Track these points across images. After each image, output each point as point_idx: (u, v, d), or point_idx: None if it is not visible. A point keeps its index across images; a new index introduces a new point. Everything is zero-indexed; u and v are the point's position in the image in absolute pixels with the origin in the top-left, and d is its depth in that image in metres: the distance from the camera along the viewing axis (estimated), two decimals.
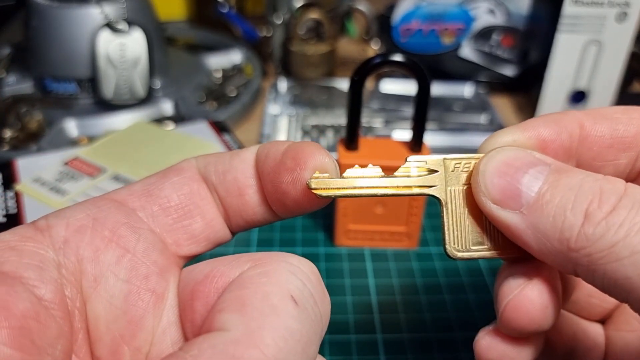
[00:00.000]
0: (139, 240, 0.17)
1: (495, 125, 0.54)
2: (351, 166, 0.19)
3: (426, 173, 0.19)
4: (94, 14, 0.51)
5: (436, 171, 0.19)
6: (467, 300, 0.36)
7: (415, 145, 0.36)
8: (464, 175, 0.19)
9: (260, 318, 0.13)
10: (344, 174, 0.18)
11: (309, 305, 0.15)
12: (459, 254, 0.19)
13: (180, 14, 0.77)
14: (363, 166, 0.19)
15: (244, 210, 0.18)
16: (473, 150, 0.20)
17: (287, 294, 0.14)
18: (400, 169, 0.19)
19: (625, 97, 0.57)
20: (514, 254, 0.19)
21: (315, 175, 0.17)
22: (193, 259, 0.18)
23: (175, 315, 0.17)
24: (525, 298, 0.18)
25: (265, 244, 0.40)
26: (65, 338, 0.15)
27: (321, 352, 0.32)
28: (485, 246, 0.19)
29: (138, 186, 0.18)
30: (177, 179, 0.18)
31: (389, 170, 0.19)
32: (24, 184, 0.39)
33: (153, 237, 0.17)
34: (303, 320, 0.14)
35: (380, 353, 0.32)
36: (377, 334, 0.33)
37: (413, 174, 0.19)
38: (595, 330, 0.24)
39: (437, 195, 0.19)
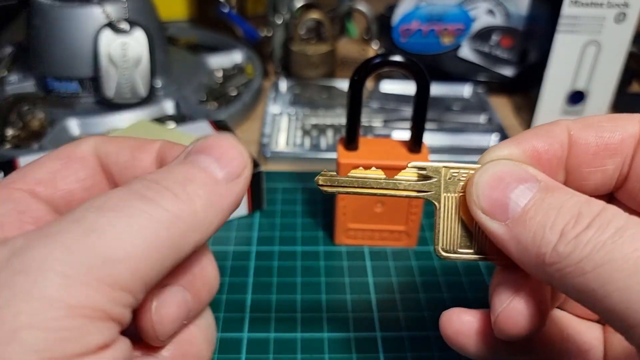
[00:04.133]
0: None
1: (494, 125, 0.54)
2: (351, 165, 0.19)
3: (425, 179, 0.20)
4: (96, 14, 0.51)
5: (434, 178, 0.20)
6: (466, 298, 0.36)
7: (415, 145, 0.36)
8: (460, 184, 0.20)
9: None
10: (349, 174, 0.19)
11: None
12: (446, 254, 0.21)
13: (182, 14, 0.77)
14: (367, 168, 0.20)
15: None
16: (472, 150, 0.20)
17: None
18: (401, 173, 0.20)
19: (623, 97, 0.57)
20: (499, 260, 0.20)
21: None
22: None
23: None
24: (514, 310, 0.19)
25: (265, 242, 0.40)
26: None
27: (321, 349, 0.32)
28: (472, 250, 0.21)
29: (44, 172, 0.19)
30: (80, 168, 0.19)
31: (388, 170, 0.20)
32: None
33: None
34: None
35: (380, 351, 0.33)
36: (376, 331, 0.34)
37: (412, 179, 0.20)
38: (592, 333, 0.24)
39: (433, 200, 0.20)
